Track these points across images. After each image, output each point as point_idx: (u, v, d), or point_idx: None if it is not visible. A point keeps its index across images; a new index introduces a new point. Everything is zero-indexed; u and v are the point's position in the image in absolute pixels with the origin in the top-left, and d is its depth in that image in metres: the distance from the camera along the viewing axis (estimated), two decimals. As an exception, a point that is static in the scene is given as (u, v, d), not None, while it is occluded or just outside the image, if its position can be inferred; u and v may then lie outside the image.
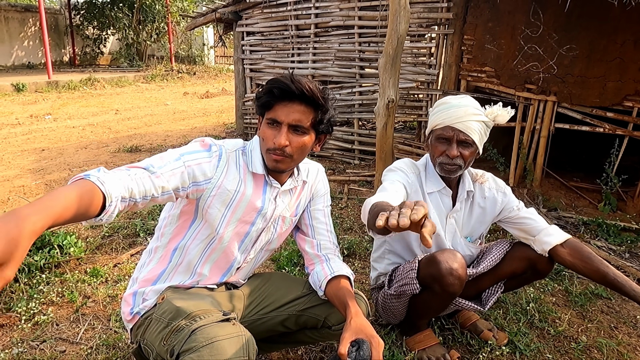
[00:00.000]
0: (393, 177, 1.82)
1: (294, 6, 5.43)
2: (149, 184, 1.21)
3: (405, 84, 4.74)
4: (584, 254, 1.77)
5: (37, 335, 2.06)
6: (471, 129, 1.74)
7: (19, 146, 5.89)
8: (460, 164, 1.78)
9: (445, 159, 1.79)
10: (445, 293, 1.73)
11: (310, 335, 1.67)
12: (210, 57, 20.18)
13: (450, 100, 1.81)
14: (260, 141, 1.45)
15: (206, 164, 1.38)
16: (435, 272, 1.69)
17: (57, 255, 2.63)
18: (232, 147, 1.48)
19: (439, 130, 1.80)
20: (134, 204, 1.18)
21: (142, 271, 1.56)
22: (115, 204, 1.07)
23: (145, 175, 1.21)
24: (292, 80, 1.34)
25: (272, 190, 1.52)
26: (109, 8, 16.80)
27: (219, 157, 1.42)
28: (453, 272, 1.67)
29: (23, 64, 15.75)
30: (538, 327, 2.27)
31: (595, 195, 4.12)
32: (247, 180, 1.47)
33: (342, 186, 4.44)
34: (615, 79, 3.73)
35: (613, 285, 1.70)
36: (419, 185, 1.89)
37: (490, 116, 1.78)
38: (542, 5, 3.90)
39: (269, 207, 1.52)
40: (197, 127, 7.54)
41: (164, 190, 1.26)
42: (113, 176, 1.11)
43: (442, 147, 1.79)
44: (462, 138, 1.75)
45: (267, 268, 2.80)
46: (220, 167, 1.41)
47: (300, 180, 1.59)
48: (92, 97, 10.42)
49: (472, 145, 1.77)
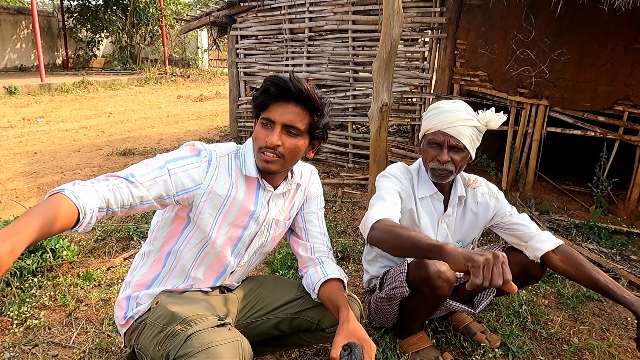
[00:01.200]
0: (388, 185, 1.83)
1: (288, 10, 5.45)
2: (126, 194, 1.22)
3: (398, 88, 4.77)
4: (576, 261, 1.78)
5: (30, 339, 2.05)
6: (462, 134, 1.75)
7: (11, 149, 5.86)
8: (451, 169, 1.79)
9: (436, 164, 1.80)
10: (435, 296, 1.74)
11: (304, 338, 1.67)
12: (204, 60, 20.17)
13: (442, 105, 1.83)
14: (253, 142, 1.44)
15: (194, 170, 1.37)
16: (424, 275, 1.70)
17: (50, 258, 2.62)
18: (224, 151, 1.47)
19: (431, 135, 1.81)
20: (113, 213, 1.20)
21: (135, 275, 1.55)
22: (90, 215, 1.11)
23: (123, 185, 1.22)
24: (291, 79, 1.33)
25: (265, 194, 1.52)
26: (102, 11, 16.78)
27: (208, 161, 1.41)
28: (441, 275, 1.68)
29: (15, 66, 15.66)
30: (530, 330, 2.28)
31: (587, 198, 4.15)
32: (239, 184, 1.46)
33: (336, 189, 4.45)
34: (606, 84, 3.77)
35: (604, 292, 1.71)
36: (411, 190, 1.91)
37: (482, 121, 1.79)
38: (534, 11, 3.94)
39: (262, 211, 1.52)
40: (191, 130, 7.53)
41: (142, 200, 1.26)
42: (88, 189, 1.13)
43: (434, 152, 1.81)
44: (453, 143, 1.76)
45: (260, 271, 2.80)
46: (210, 171, 1.40)
47: (294, 183, 1.59)
48: (85, 100, 10.37)
49: (464, 151, 1.79)
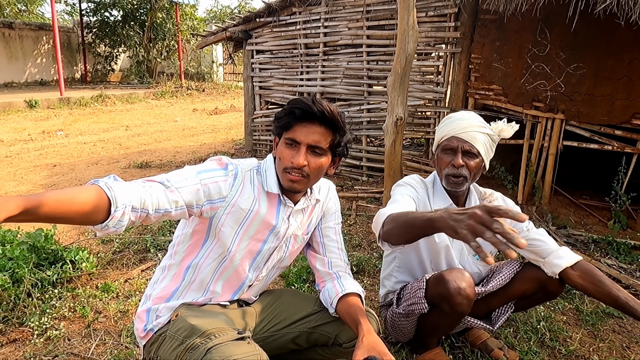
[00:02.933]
0: (403, 191, 1.85)
1: (303, 25, 5.53)
2: (163, 197, 1.23)
3: (413, 102, 4.78)
4: (595, 277, 1.75)
5: (50, 350, 2.08)
6: (476, 139, 1.77)
7: (32, 162, 5.98)
8: (465, 174, 1.79)
9: (451, 170, 1.81)
10: (454, 312, 1.73)
11: (321, 353, 1.67)
12: (219, 74, 20.45)
13: (454, 115, 1.87)
14: (277, 161, 1.47)
15: (222, 182, 1.41)
16: (444, 292, 1.69)
17: (70, 270, 2.66)
18: (247, 167, 1.50)
19: (445, 142, 1.83)
20: (146, 216, 1.19)
21: (156, 288, 1.58)
22: (122, 210, 1.08)
23: (160, 189, 1.24)
24: (314, 102, 1.37)
25: (285, 210, 1.54)
26: (120, 26, 17.17)
27: (234, 175, 1.44)
28: (461, 292, 1.67)
29: (36, 80, 16.05)
30: (549, 346, 2.25)
31: (605, 213, 4.10)
32: (262, 199, 1.49)
33: (350, 203, 4.46)
34: (623, 97, 3.74)
35: (624, 309, 1.68)
36: (427, 199, 1.91)
37: (495, 130, 1.81)
38: (549, 25, 3.94)
39: (282, 226, 1.54)
40: (206, 143, 7.62)
41: (177, 205, 1.27)
42: (124, 185, 1.13)
43: (448, 157, 1.82)
44: (467, 148, 1.78)
45: (276, 284, 2.81)
46: (236, 185, 1.44)
47: (313, 199, 1.61)
48: (103, 113, 10.57)
49: (477, 156, 1.79)
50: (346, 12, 5.16)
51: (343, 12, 5.18)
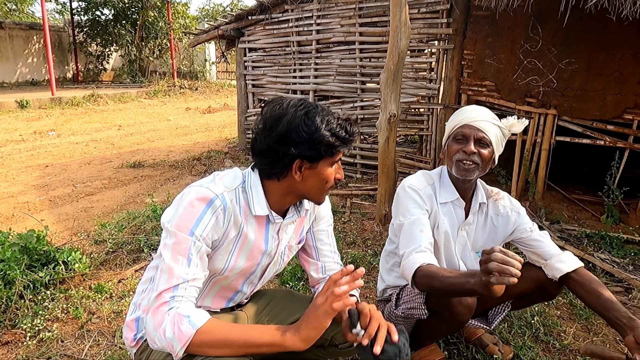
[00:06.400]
0: (414, 210, 1.79)
1: (295, 23, 5.51)
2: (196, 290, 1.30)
3: (406, 99, 4.78)
4: (593, 286, 1.70)
5: (43, 351, 2.06)
6: (488, 129, 1.75)
7: (23, 162, 5.93)
8: (477, 161, 1.75)
9: (462, 155, 1.76)
10: (454, 321, 1.72)
11: (317, 353, 1.66)
12: (212, 73, 20.38)
13: (466, 107, 1.86)
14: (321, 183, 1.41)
15: (214, 229, 1.34)
16: (445, 301, 1.67)
17: (62, 271, 2.64)
18: (230, 185, 1.39)
19: (457, 129, 1.79)
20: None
21: (145, 298, 1.51)
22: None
23: (190, 287, 1.28)
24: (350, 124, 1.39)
25: (274, 227, 1.49)
26: (112, 25, 17.06)
27: (224, 210, 1.35)
28: (462, 302, 1.65)
29: (27, 80, 15.92)
30: (543, 341, 2.26)
31: (598, 207, 4.12)
32: (249, 222, 1.43)
33: (344, 200, 4.46)
34: (615, 92, 3.76)
35: (612, 325, 1.61)
36: (433, 194, 1.87)
37: (506, 125, 1.81)
38: (541, 21, 3.95)
39: (273, 244, 1.50)
40: (200, 142, 7.59)
41: (203, 272, 1.33)
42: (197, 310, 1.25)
43: (459, 145, 1.78)
44: (479, 136, 1.75)
45: (270, 283, 2.80)
46: (227, 218, 1.36)
47: (302, 210, 1.55)
48: (95, 113, 10.50)
49: (489, 146, 1.77)
50: (338, 9, 5.15)
51: (335, 9, 5.17)
